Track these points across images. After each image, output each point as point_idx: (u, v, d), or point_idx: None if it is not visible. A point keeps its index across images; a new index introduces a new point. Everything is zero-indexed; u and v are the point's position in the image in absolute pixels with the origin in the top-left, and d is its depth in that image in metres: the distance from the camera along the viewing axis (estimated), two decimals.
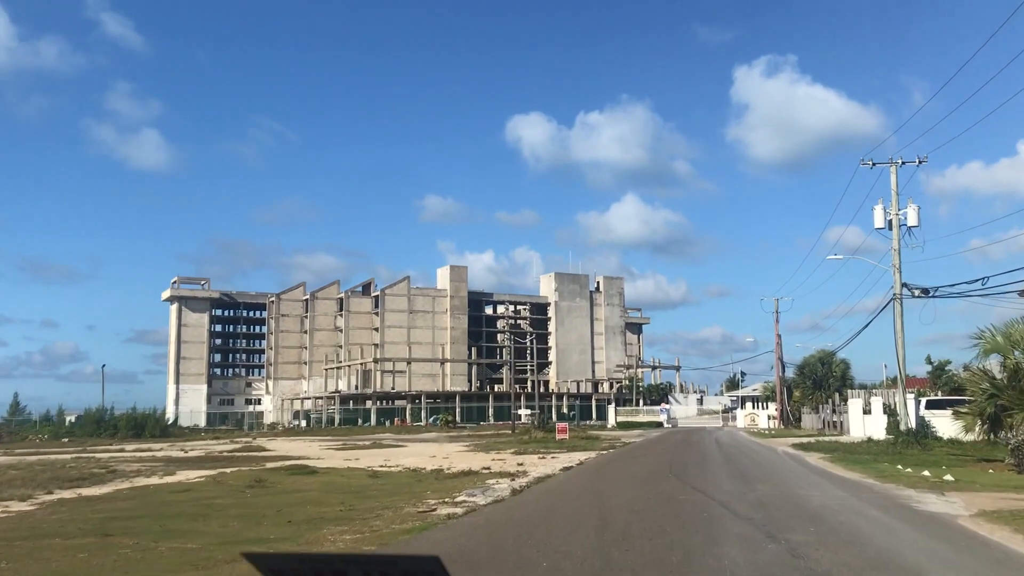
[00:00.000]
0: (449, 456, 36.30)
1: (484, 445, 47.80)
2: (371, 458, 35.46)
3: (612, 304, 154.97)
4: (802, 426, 70.29)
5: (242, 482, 22.01)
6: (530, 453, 37.46)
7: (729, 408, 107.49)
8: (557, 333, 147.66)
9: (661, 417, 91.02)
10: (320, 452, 44.33)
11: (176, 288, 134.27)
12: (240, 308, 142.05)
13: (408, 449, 46.31)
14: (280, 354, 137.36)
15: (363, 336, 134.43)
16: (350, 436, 77.84)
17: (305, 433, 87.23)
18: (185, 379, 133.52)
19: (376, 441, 57.95)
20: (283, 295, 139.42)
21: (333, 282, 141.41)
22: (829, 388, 62.81)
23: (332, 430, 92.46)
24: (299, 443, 59.21)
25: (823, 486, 18.20)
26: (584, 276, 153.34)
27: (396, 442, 59.44)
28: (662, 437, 57.12)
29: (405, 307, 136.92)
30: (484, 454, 38.42)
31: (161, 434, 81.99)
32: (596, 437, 53.50)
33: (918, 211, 34.82)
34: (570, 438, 51.33)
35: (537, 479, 21.08)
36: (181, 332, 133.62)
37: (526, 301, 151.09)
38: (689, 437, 54.37)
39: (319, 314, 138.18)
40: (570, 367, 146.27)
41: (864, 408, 47.44)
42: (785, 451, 34.03)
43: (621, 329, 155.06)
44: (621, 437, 57.45)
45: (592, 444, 44.73)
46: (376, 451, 44.26)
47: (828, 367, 63.91)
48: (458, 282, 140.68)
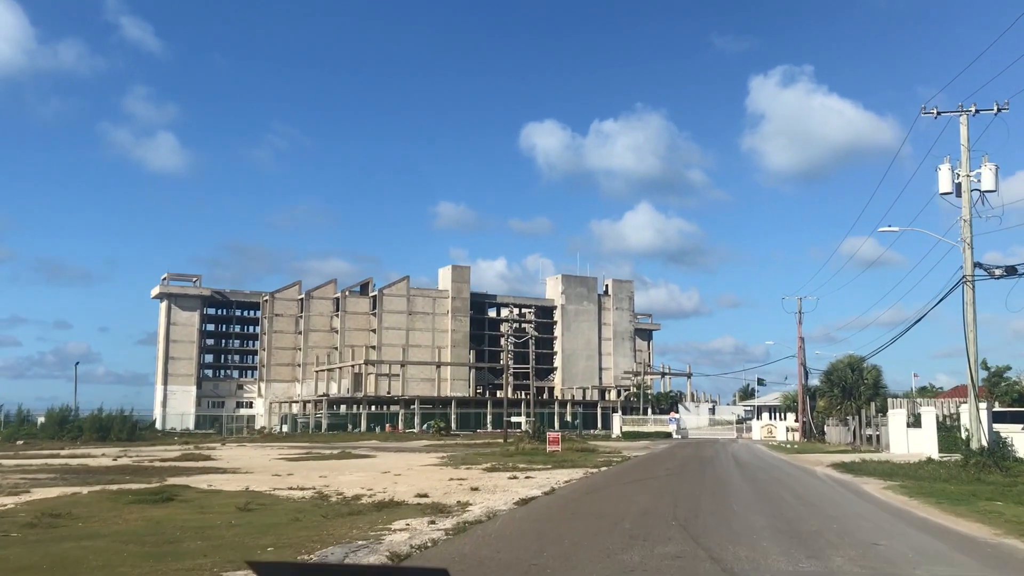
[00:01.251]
0: (404, 473, 29.10)
1: (461, 458, 40.56)
2: (312, 474, 28.49)
3: (621, 308, 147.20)
4: (827, 440, 62.52)
5: (32, 515, 14.61)
6: (506, 470, 30.22)
7: (743, 419, 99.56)
8: (563, 338, 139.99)
9: (670, 427, 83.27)
10: (264, 463, 37.32)
11: (165, 285, 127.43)
12: (233, 307, 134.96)
13: (369, 462, 39.25)
14: (273, 355, 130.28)
15: (360, 338, 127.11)
16: (330, 443, 70.92)
17: (284, 440, 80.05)
18: (174, 380, 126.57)
19: (345, 450, 50.73)
20: (277, 294, 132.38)
21: (329, 281, 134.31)
22: (860, 397, 54.93)
23: (316, 436, 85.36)
24: (257, 451, 52.08)
25: (944, 555, 10.53)
26: (592, 279, 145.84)
27: (370, 451, 52.41)
28: (669, 451, 49.42)
29: (404, 308, 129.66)
30: (451, 470, 31.23)
31: (128, 437, 75.72)
32: (593, 449, 45.90)
33: (995, 172, 27.17)
34: (563, 450, 43.85)
35: (467, 523, 13.62)
36: (170, 331, 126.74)
37: (531, 304, 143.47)
38: (701, 451, 46.70)
39: (314, 314, 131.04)
40: (576, 373, 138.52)
41: (909, 420, 39.62)
42: (827, 474, 26.38)
43: (630, 335, 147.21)
44: (623, 450, 49.82)
45: (585, 459, 37.18)
46: (330, 464, 37.27)
47: (859, 374, 56.03)
48: (460, 283, 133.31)
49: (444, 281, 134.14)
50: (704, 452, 45.41)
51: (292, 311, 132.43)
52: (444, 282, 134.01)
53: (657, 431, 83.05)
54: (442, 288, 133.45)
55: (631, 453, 44.78)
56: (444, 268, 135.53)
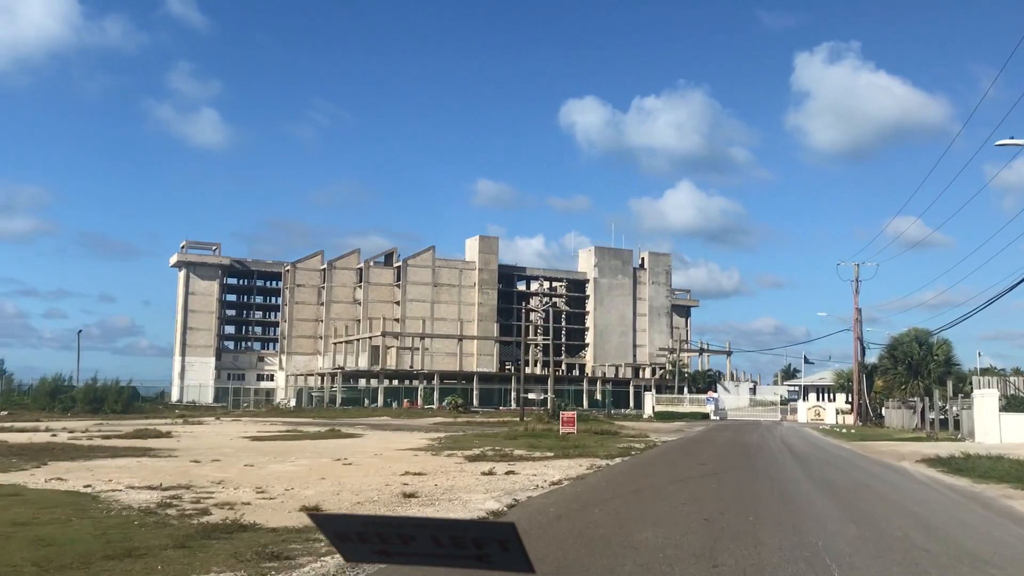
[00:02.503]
0: (360, 462, 22.57)
1: (455, 440, 33.85)
2: (253, 460, 21.99)
3: (657, 283, 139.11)
4: (886, 424, 54.70)
5: None
6: (493, 459, 23.37)
7: (787, 400, 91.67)
8: (596, 312, 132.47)
9: (707, 408, 75.84)
10: (219, 444, 31.11)
11: (184, 253, 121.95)
12: (254, 277, 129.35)
13: (348, 443, 33.08)
14: (294, 327, 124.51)
15: (383, 310, 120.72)
16: (336, 418, 64.80)
17: (290, 414, 74.05)
18: (192, 351, 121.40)
19: (336, 428, 44.42)
20: (299, 264, 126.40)
21: (353, 251, 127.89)
22: (930, 375, 47.02)
23: (325, 411, 79.30)
24: (235, 428, 46.00)
25: None
26: (627, 251, 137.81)
27: (367, 429, 45.98)
28: (706, 435, 42.05)
29: (429, 279, 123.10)
30: (425, 457, 24.60)
31: (123, 409, 70.21)
32: (615, 432, 38.72)
33: None
34: (579, 433, 36.84)
35: None
36: (188, 300, 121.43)
37: (563, 277, 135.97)
38: (743, 436, 39.31)
39: (337, 285, 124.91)
40: (609, 350, 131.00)
41: (1003, 403, 31.84)
42: (930, 477, 18.97)
43: (667, 311, 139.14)
44: (652, 432, 42.61)
45: (601, 445, 30.13)
46: (299, 445, 31.21)
47: (928, 349, 48.05)
48: (488, 254, 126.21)
49: (471, 252, 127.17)
50: (747, 437, 38.02)
51: (314, 281, 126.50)
52: (471, 253, 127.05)
53: (693, 411, 75.67)
54: (469, 259, 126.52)
55: (660, 437, 37.55)
56: (471, 239, 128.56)
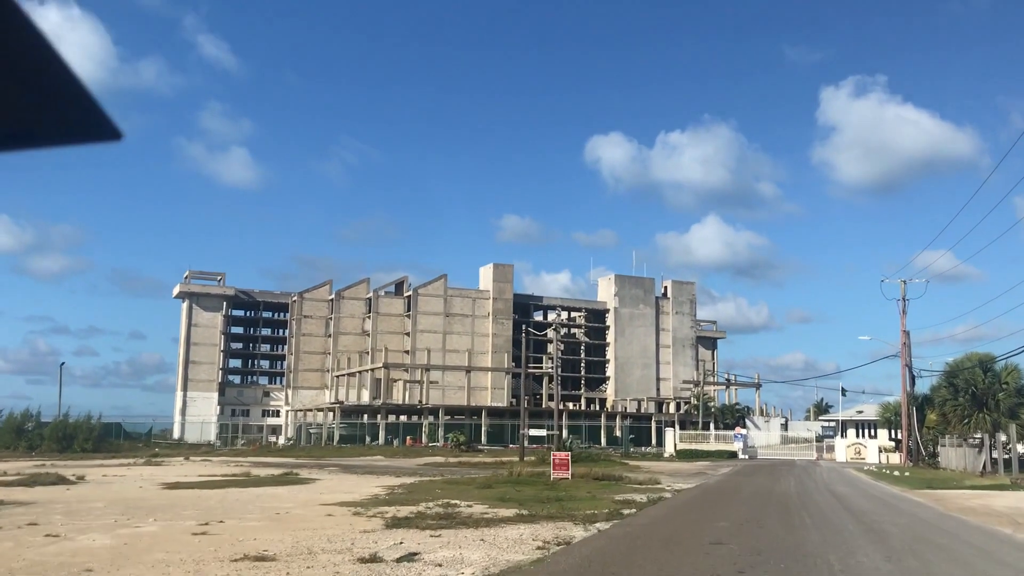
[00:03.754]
0: (257, 524, 15.61)
1: (416, 490, 26.83)
2: (128, 517, 15.38)
3: (682, 313, 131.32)
4: (941, 464, 46.61)
5: None
6: (429, 524, 16.23)
7: (822, 436, 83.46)
8: (616, 344, 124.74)
9: (735, 445, 67.98)
10: (136, 494, 24.32)
11: (187, 284, 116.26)
12: (260, 308, 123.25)
13: (289, 492, 26.60)
14: (301, 360, 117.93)
15: (392, 341, 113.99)
16: (321, 458, 58.17)
17: (274, 453, 67.26)
18: (194, 386, 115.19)
19: (292, 472, 37.38)
20: (306, 294, 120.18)
21: (362, 280, 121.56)
22: (998, 407, 39.15)
23: (320, 449, 72.48)
24: (191, 469, 39.18)
25: None
26: (649, 280, 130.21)
27: (341, 471, 39.23)
28: (732, 480, 34.47)
29: (441, 309, 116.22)
30: (343, 521, 17.66)
31: (93, 448, 64.36)
32: (619, 478, 31.29)
33: None
34: (576, 477, 29.71)
35: None
36: (191, 333, 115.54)
37: (581, 307, 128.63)
38: (777, 482, 31.77)
39: (345, 316, 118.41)
40: (631, 383, 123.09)
41: None
42: None
43: (691, 342, 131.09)
44: (667, 476, 35.14)
45: (593, 498, 22.90)
46: (222, 494, 24.65)
47: (994, 376, 40.20)
48: (502, 283, 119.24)
49: (485, 281, 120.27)
50: (783, 484, 30.46)
51: (322, 312, 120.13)
52: (485, 282, 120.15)
53: (719, 449, 67.85)
54: (483, 288, 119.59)
55: (675, 483, 30.10)
56: (485, 267, 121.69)
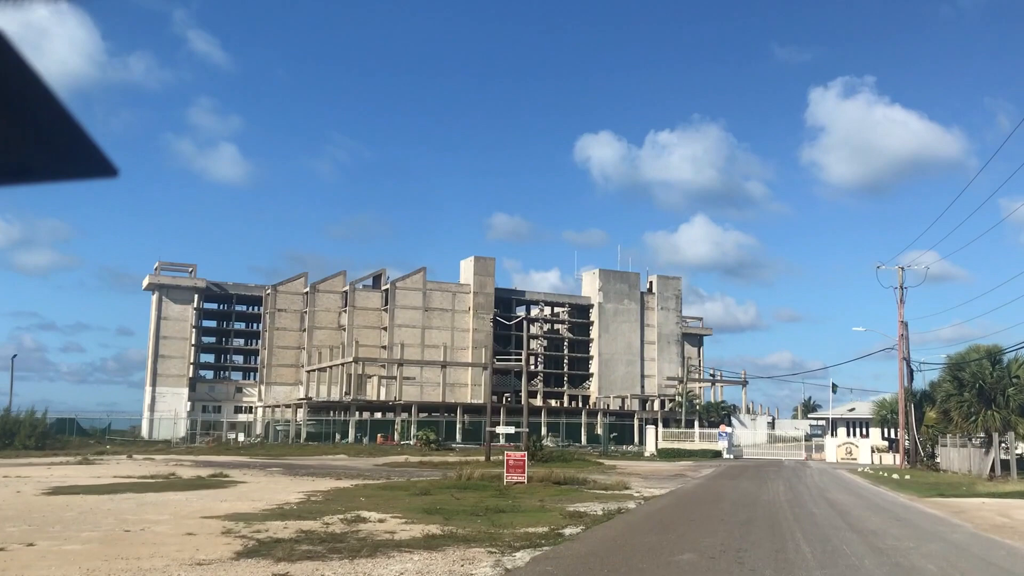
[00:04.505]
0: (93, 547, 10.84)
1: (338, 497, 22.59)
2: None
3: (667, 308, 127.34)
4: (941, 466, 42.70)
5: None
6: (300, 556, 11.90)
7: (810, 435, 79.57)
8: (600, 340, 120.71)
9: (719, 444, 63.94)
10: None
11: (156, 275, 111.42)
12: (233, 301, 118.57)
13: (188, 497, 22.41)
14: (274, 355, 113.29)
15: (370, 336, 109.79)
16: (279, 456, 54.08)
17: (233, 450, 62.82)
18: (164, 381, 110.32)
19: (222, 473, 33.07)
20: (280, 287, 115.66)
21: (338, 273, 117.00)
22: (1008, 404, 35.13)
23: (279, 447, 68.26)
24: (111, 469, 34.69)
25: None
26: (634, 275, 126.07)
27: (284, 472, 35.07)
28: (713, 484, 30.34)
29: (419, 303, 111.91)
30: (209, 539, 13.06)
31: (37, 444, 60.18)
32: (583, 481, 27.09)
33: None
34: (533, 482, 25.48)
35: None
36: (160, 326, 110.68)
37: (565, 302, 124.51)
38: (764, 486, 27.66)
39: (320, 309, 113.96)
40: (615, 380, 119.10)
41: None
42: None
43: (677, 339, 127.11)
44: (636, 480, 30.99)
45: (542, 509, 18.79)
46: (106, 501, 19.94)
47: (1005, 370, 36.18)
48: (484, 276, 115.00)
49: (466, 274, 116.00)
50: (771, 489, 26.30)
51: (297, 306, 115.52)
52: (466, 275, 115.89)
53: (703, 449, 63.84)
54: (463, 282, 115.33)
55: (647, 489, 25.92)
56: (466, 260, 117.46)
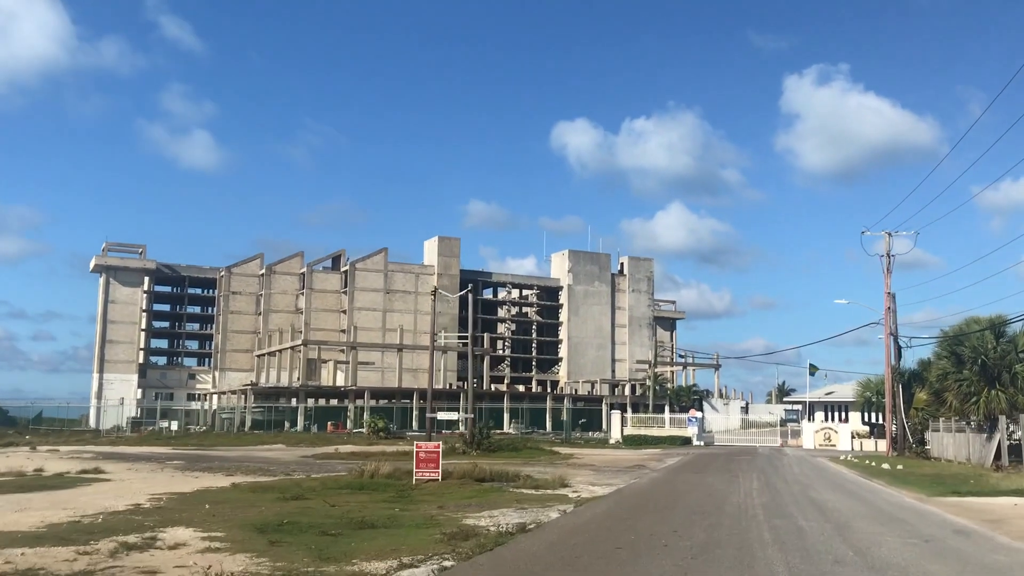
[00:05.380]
0: None
1: (196, 500, 17.05)
2: None
3: (638, 291, 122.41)
4: (932, 453, 38.04)
5: None
6: None
7: (785, 420, 75.01)
8: (570, 323, 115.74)
9: (689, 430, 59.13)
10: None
11: (103, 256, 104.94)
12: (186, 284, 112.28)
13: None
14: (229, 340, 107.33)
15: (328, 320, 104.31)
16: (210, 446, 48.76)
17: (161, 441, 57.26)
18: (112, 367, 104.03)
19: (98, 470, 27.58)
20: (234, 268, 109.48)
21: (295, 254, 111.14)
22: (1015, 383, 30.30)
23: (217, 436, 62.77)
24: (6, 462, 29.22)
25: None
26: (605, 256, 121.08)
27: (179, 465, 29.70)
28: (673, 480, 25.30)
29: (381, 285, 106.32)
30: None
31: None
32: (515, 478, 21.91)
33: None
34: (450, 479, 20.24)
35: None
36: (107, 309, 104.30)
37: (534, 284, 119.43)
38: (735, 481, 22.70)
39: (276, 292, 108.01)
40: (584, 364, 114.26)
41: None
42: None
43: (649, 322, 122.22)
44: (579, 476, 25.88)
45: (422, 527, 13.56)
46: None
47: (1011, 344, 31.33)
48: (448, 257, 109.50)
49: (430, 255, 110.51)
50: (743, 488, 21.31)
51: (252, 289, 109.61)
52: (430, 256, 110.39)
53: (671, 435, 59.02)
54: (427, 263, 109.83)
55: (589, 487, 20.81)
56: (430, 240, 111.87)
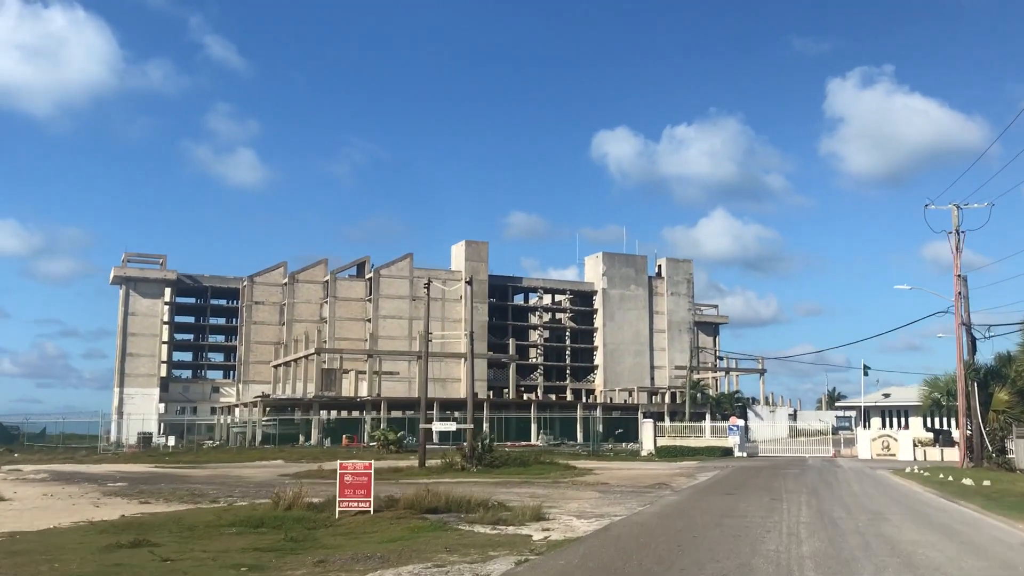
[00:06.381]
0: None
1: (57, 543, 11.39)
2: None
3: (678, 294, 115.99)
4: (1017, 464, 31.55)
5: None
6: None
7: (837, 428, 68.16)
8: (605, 329, 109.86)
9: (730, 440, 52.81)
10: None
11: (123, 267, 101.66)
12: (208, 295, 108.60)
13: None
14: (252, 351, 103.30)
15: (353, 329, 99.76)
16: (206, 463, 43.91)
17: (153, 458, 52.51)
18: (132, 381, 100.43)
19: None
20: (257, 277, 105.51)
21: (319, 261, 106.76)
22: None
23: (224, 453, 57.97)
24: None
25: None
26: (641, 258, 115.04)
27: (122, 488, 24.64)
28: (687, 511, 19.65)
29: (407, 292, 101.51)
30: None
31: None
32: (479, 507, 16.22)
33: None
34: (377, 516, 14.59)
35: None
36: (127, 322, 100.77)
37: (566, 288, 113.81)
38: (776, 518, 16.66)
39: (300, 301, 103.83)
40: (622, 372, 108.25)
41: None
42: None
43: (689, 326, 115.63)
44: (573, 503, 20.24)
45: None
46: None
47: None
48: (476, 262, 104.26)
49: (457, 261, 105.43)
50: (788, 526, 15.45)
51: (276, 298, 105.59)
52: (457, 262, 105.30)
53: (711, 446, 52.81)
54: (454, 269, 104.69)
55: (571, 524, 15.26)
56: (457, 244, 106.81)
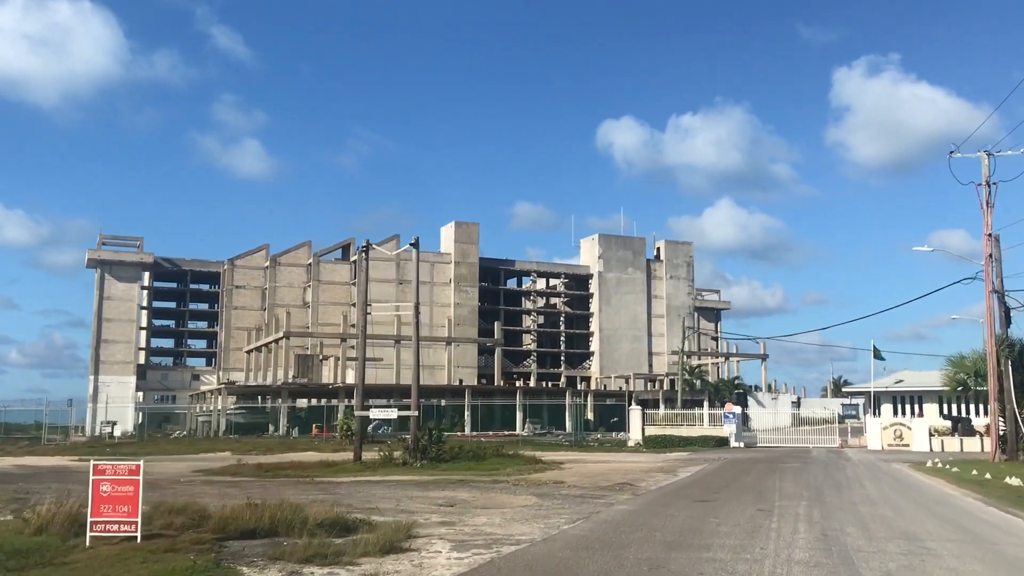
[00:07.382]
0: None
1: None
2: None
3: (677, 277, 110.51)
4: None
5: None
6: None
7: (844, 416, 62.92)
8: (601, 314, 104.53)
9: (725, 429, 47.42)
10: None
11: (98, 250, 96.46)
12: (187, 279, 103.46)
13: None
14: (233, 337, 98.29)
15: (338, 314, 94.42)
16: (150, 454, 38.08)
17: (96, 447, 47.44)
18: (107, 369, 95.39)
19: None
20: (238, 260, 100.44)
21: (302, 244, 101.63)
22: None
23: (177, 444, 53.08)
24: None
25: None
26: (639, 240, 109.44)
27: None
28: (636, 524, 14.21)
29: (393, 276, 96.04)
30: None
31: None
32: (322, 524, 10.80)
33: None
34: (148, 544, 9.24)
35: None
36: (103, 307, 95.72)
37: (561, 272, 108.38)
38: (766, 528, 11.18)
39: (282, 285, 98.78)
40: (619, 358, 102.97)
41: None
42: None
43: (689, 311, 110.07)
44: (502, 503, 14.77)
45: None
46: None
47: None
48: (466, 244, 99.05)
49: (446, 243, 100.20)
50: (777, 546, 9.99)
51: (257, 282, 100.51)
52: (446, 244, 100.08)
53: (705, 435, 47.51)
54: (443, 251, 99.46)
55: (437, 558, 9.63)
56: (446, 226, 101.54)
